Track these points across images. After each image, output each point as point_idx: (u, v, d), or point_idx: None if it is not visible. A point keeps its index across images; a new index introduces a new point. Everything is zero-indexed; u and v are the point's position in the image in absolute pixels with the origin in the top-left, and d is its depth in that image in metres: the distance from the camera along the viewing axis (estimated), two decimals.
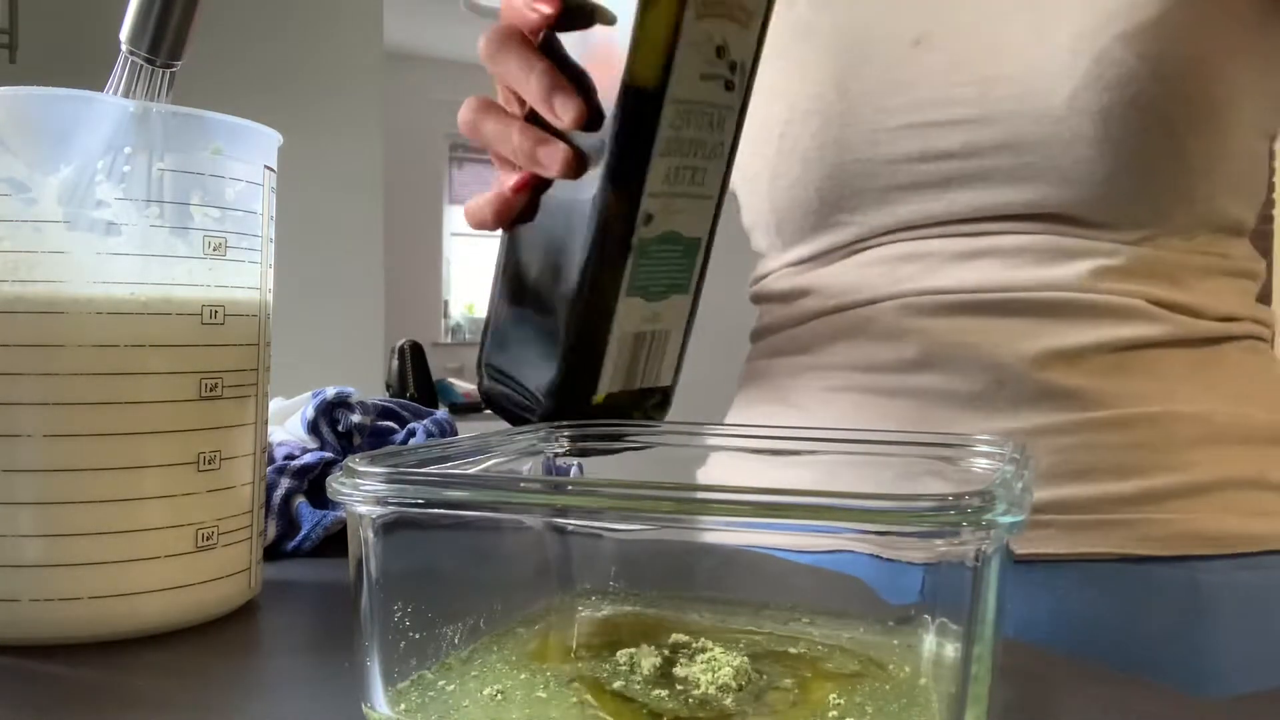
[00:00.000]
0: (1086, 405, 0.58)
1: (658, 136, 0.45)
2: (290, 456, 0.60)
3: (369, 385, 2.93)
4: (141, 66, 0.43)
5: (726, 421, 0.74)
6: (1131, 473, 0.58)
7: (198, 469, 0.43)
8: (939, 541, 0.28)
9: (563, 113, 0.44)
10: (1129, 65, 0.57)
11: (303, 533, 0.57)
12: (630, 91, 0.44)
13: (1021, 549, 0.58)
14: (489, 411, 0.52)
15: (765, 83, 0.70)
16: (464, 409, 3.44)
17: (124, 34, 0.43)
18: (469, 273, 5.83)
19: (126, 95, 0.43)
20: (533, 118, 0.48)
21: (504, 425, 0.49)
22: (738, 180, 0.70)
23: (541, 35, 0.47)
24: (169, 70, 0.44)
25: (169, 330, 0.42)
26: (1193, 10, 0.58)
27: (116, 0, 0.43)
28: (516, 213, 0.49)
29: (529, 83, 0.46)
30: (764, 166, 0.68)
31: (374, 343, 2.97)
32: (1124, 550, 0.57)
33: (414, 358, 2.99)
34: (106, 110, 0.41)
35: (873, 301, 0.64)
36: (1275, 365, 0.65)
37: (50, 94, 0.41)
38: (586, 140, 0.46)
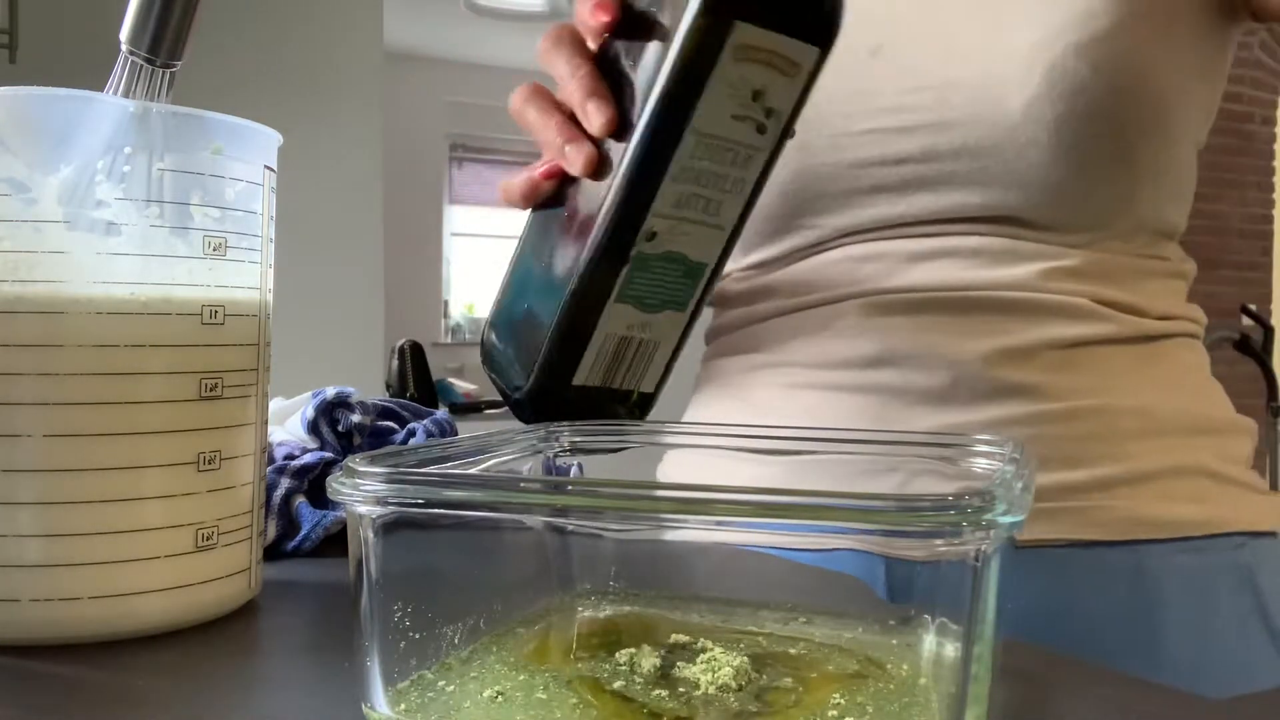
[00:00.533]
0: (1037, 399, 0.61)
1: (673, 161, 0.46)
2: (290, 456, 0.60)
3: (369, 385, 2.93)
4: (141, 66, 0.43)
5: (684, 420, 0.75)
6: (1080, 463, 0.61)
7: (198, 469, 0.43)
8: (939, 541, 0.28)
9: (593, 118, 0.47)
10: (1081, 75, 0.59)
11: (303, 533, 0.57)
12: (656, 113, 0.46)
13: None
14: (489, 412, 0.53)
15: None
16: (464, 409, 3.44)
17: (124, 34, 0.43)
18: (469, 273, 5.84)
19: (126, 95, 0.43)
20: (573, 115, 0.50)
21: (504, 425, 0.49)
22: None
23: (599, 41, 0.50)
24: (169, 70, 0.44)
25: (169, 330, 0.42)
26: (1144, 22, 0.61)
27: (116, 0, 0.43)
28: (541, 197, 0.52)
29: (571, 83, 0.49)
30: None
31: (374, 343, 2.98)
32: (1074, 536, 0.60)
33: (414, 358, 2.99)
34: (106, 110, 0.41)
35: (833, 300, 0.66)
36: (1207, 361, 0.69)
37: (50, 94, 0.41)
38: (612, 147, 0.48)
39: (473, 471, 0.39)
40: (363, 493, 0.31)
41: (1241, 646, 0.61)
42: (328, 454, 0.61)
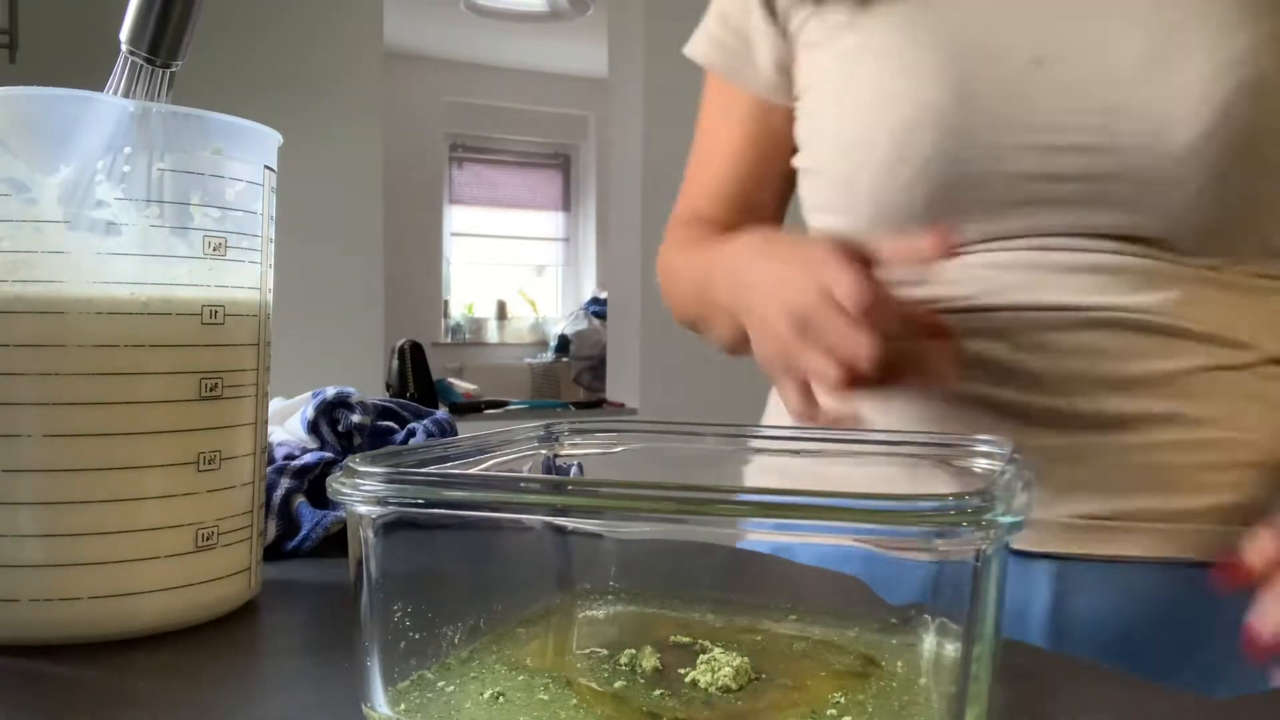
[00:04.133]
0: (1162, 428, 0.61)
1: None
2: (290, 456, 0.60)
3: (369, 385, 2.93)
4: (141, 66, 0.43)
5: (764, 422, 0.76)
6: (1201, 489, 0.61)
7: (198, 469, 0.43)
8: (940, 541, 0.28)
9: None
10: (1249, 119, 0.60)
11: (303, 533, 0.57)
12: None
13: (1103, 549, 0.61)
14: (489, 412, 0.53)
15: (870, 76, 0.70)
16: (464, 409, 3.44)
17: (124, 34, 0.43)
18: (469, 273, 5.84)
19: (126, 95, 0.43)
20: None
21: (504, 425, 0.49)
22: (819, 168, 0.72)
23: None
24: (169, 70, 0.44)
25: (169, 330, 0.42)
26: None
27: (116, 0, 0.43)
28: None
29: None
30: (871, 168, 0.68)
31: (374, 343, 2.98)
32: (1184, 555, 0.61)
33: (414, 358, 3.00)
34: (106, 110, 0.41)
35: (971, 310, 0.65)
36: None
37: (50, 94, 0.41)
38: None
39: (472, 471, 0.39)
40: (363, 493, 0.31)
41: None
42: (328, 454, 0.61)
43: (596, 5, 4.14)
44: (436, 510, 0.32)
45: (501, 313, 5.97)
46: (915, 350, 0.57)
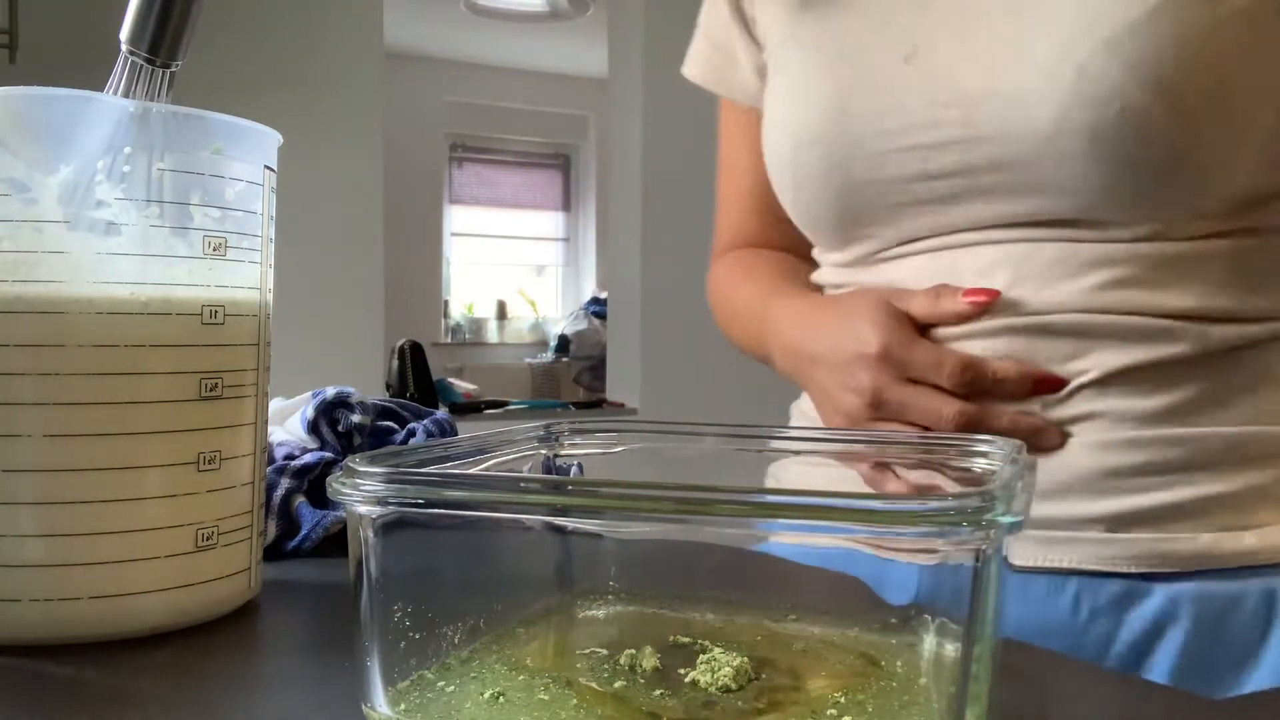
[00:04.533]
0: (1099, 429, 0.59)
1: None
2: (290, 456, 0.60)
3: (369, 385, 2.93)
4: (141, 66, 0.43)
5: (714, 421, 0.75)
6: (1151, 489, 0.58)
7: (198, 469, 0.43)
8: (939, 541, 0.28)
9: None
10: (1112, 77, 0.55)
11: (303, 533, 0.57)
12: None
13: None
14: (489, 412, 0.53)
15: (771, 100, 0.71)
16: (464, 409, 3.44)
17: (124, 34, 0.43)
18: (469, 273, 5.84)
19: (126, 95, 0.43)
20: None
21: (504, 425, 0.49)
22: (776, 194, 0.73)
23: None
24: (169, 70, 0.44)
25: (169, 330, 0.42)
26: (1184, 7, 0.55)
27: (116, 0, 0.43)
28: None
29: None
30: (785, 191, 0.70)
31: (374, 343, 2.98)
32: (1131, 569, 0.58)
33: (414, 358, 3.00)
34: (106, 110, 0.41)
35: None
36: None
37: (50, 94, 0.41)
38: None
39: (472, 471, 0.39)
40: (363, 493, 0.31)
41: None
42: (328, 454, 0.61)
43: (596, 5, 4.14)
44: (436, 510, 0.32)
45: (501, 313, 5.97)
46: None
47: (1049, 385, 0.58)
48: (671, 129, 2.89)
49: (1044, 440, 0.58)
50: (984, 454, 0.40)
